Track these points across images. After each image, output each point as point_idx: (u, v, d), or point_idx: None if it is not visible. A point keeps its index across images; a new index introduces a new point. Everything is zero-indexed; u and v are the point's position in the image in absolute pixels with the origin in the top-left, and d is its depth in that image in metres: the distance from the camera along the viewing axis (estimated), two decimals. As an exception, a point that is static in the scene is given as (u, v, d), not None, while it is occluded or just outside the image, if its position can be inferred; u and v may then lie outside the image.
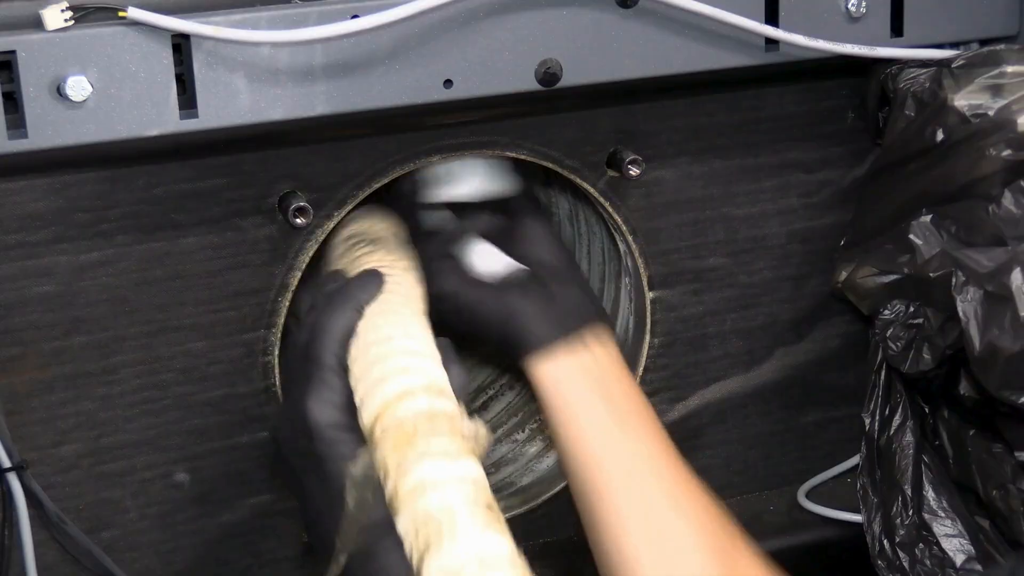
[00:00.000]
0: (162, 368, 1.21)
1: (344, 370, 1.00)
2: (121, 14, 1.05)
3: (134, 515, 1.23)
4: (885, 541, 1.36)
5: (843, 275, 1.36)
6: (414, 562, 0.86)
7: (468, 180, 1.28)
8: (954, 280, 1.22)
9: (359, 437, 0.95)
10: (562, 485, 1.41)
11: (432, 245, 1.23)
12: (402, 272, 1.13)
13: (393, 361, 0.97)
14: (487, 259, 1.21)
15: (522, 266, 1.19)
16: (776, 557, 1.12)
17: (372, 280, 1.08)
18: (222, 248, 1.21)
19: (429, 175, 1.28)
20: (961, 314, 1.20)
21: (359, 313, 1.04)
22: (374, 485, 0.92)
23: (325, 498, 0.96)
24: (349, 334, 1.02)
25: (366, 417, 0.94)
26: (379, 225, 1.27)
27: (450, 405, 0.95)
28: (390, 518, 0.90)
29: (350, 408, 0.97)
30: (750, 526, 1.45)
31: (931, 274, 1.25)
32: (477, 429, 0.94)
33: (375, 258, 1.16)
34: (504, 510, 1.39)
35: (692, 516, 1.08)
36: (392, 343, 0.99)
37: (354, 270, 1.13)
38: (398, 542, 0.89)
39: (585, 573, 1.38)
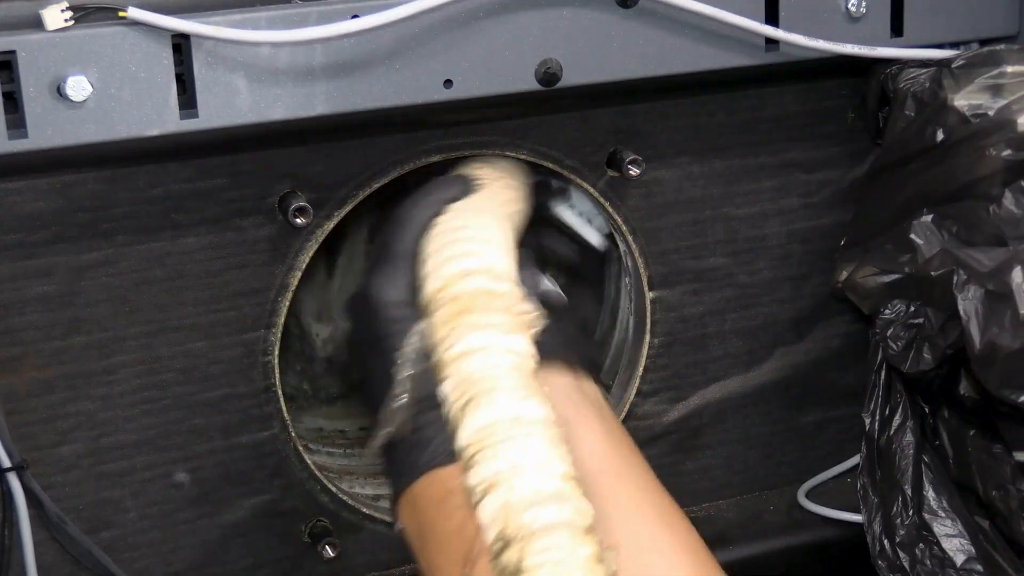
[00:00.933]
0: (162, 368, 1.21)
1: (416, 258, 1.02)
2: (121, 14, 1.05)
3: (134, 515, 1.23)
4: (885, 541, 1.36)
5: (843, 275, 1.36)
6: (452, 421, 0.89)
7: (596, 228, 1.33)
8: (955, 279, 1.22)
9: (419, 317, 0.98)
10: (562, 485, 1.41)
11: None
12: (498, 183, 1.14)
13: (461, 246, 1.00)
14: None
15: (562, 293, 1.17)
16: (776, 557, 1.12)
17: (458, 181, 1.12)
18: (222, 248, 1.21)
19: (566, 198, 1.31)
20: (962, 312, 1.20)
21: (440, 208, 1.06)
22: (425, 361, 0.94)
23: (381, 374, 0.98)
24: (427, 225, 1.04)
25: (427, 293, 0.97)
26: (500, 160, 1.25)
27: (507, 287, 0.96)
28: (437, 395, 0.92)
29: (415, 290, 1.00)
30: (750, 526, 1.46)
31: (932, 273, 1.25)
32: (533, 312, 0.96)
33: (483, 171, 1.17)
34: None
35: (682, 539, 1.05)
36: (464, 231, 1.02)
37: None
38: (442, 419, 0.92)
39: (585, 573, 1.38)
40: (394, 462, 0.99)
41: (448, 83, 1.17)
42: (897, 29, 1.31)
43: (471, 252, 0.99)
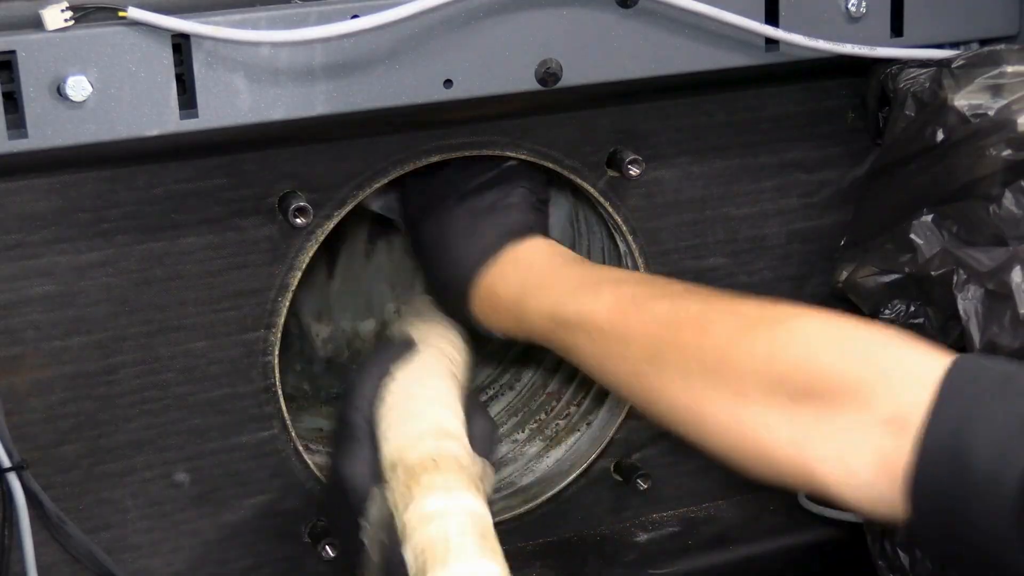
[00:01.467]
0: (162, 368, 1.21)
1: (372, 428, 1.07)
2: (121, 14, 1.05)
3: (134, 515, 1.23)
4: (885, 541, 1.36)
5: (844, 275, 1.36)
6: None
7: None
8: (955, 279, 1.22)
9: (381, 485, 1.04)
10: (562, 485, 1.41)
11: None
12: (441, 342, 1.19)
13: (410, 411, 1.07)
14: None
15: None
16: (776, 557, 1.12)
17: (401, 346, 1.15)
18: (222, 248, 1.21)
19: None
20: (962, 312, 1.20)
21: (389, 376, 1.11)
22: (389, 526, 1.00)
23: (353, 542, 1.04)
24: (377, 395, 1.10)
25: (384, 460, 1.03)
26: (431, 310, 1.31)
27: (455, 446, 1.03)
28: (402, 561, 0.97)
29: (375, 460, 1.05)
30: (750, 526, 1.46)
31: (932, 273, 1.25)
32: (484, 468, 1.03)
33: (420, 332, 1.20)
34: (504, 510, 1.41)
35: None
36: (413, 397, 1.09)
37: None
38: None
39: (585, 573, 1.39)
40: None
41: (448, 83, 1.17)
42: (897, 29, 1.31)
43: (420, 415, 1.05)
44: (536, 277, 1.21)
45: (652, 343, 1.08)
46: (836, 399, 0.97)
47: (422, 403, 1.08)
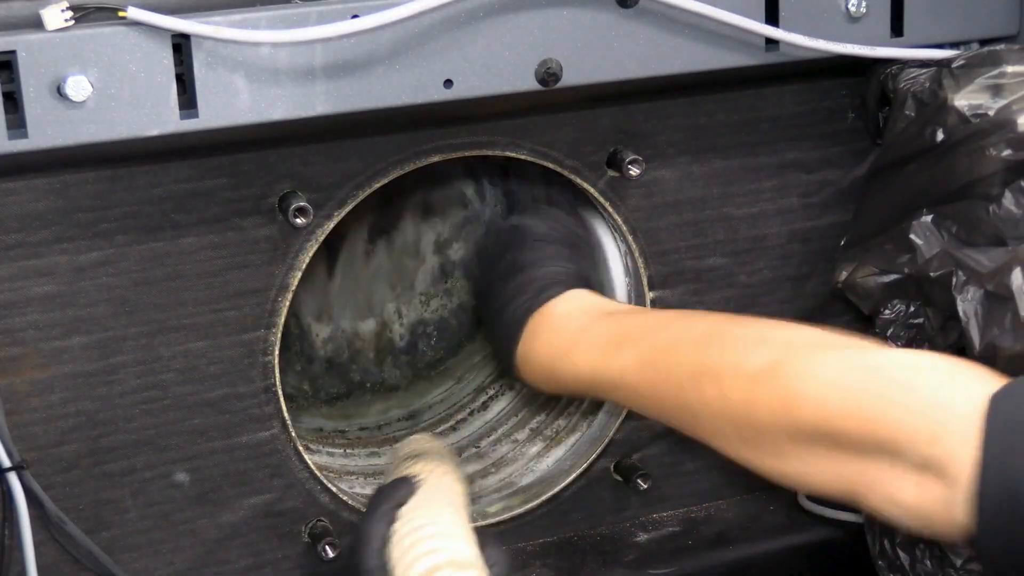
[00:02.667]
0: (162, 368, 1.21)
1: (385, 569, 1.09)
2: (121, 14, 1.05)
3: (134, 515, 1.23)
4: (885, 541, 1.36)
5: (843, 275, 1.36)
6: None
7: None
8: (955, 280, 1.22)
9: None
10: (562, 485, 1.41)
11: None
12: (440, 474, 1.20)
13: (423, 545, 1.07)
14: None
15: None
16: (776, 557, 1.12)
17: (403, 483, 1.16)
18: (222, 248, 1.21)
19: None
20: (962, 314, 1.20)
21: (393, 516, 1.12)
22: None
23: None
24: (385, 538, 1.10)
25: None
26: (427, 442, 1.31)
27: (474, 573, 1.04)
28: None
29: None
30: (750, 526, 1.46)
31: (932, 274, 1.25)
32: None
33: (418, 467, 1.20)
34: (504, 510, 1.41)
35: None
36: (422, 530, 1.09)
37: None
38: None
39: (585, 573, 1.39)
40: None
41: (448, 83, 1.17)
42: (897, 29, 1.31)
43: (434, 549, 1.06)
44: (565, 342, 1.23)
45: (680, 400, 1.09)
46: (874, 446, 0.94)
47: (436, 538, 1.08)
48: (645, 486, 1.41)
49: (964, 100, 1.23)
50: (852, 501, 0.99)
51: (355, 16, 1.10)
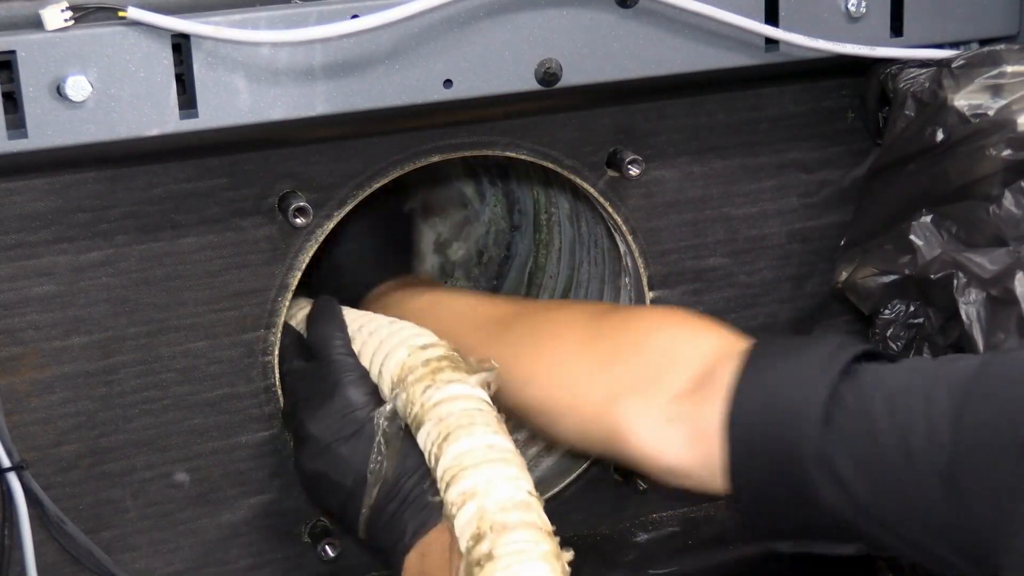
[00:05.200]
0: (162, 368, 1.21)
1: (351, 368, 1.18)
2: (121, 14, 1.05)
3: (134, 515, 1.23)
4: (885, 541, 1.36)
5: (843, 275, 1.36)
6: (432, 453, 1.04)
7: None
8: (956, 282, 1.22)
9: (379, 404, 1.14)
10: (562, 485, 1.41)
11: None
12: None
13: (405, 332, 1.16)
14: None
15: None
16: (776, 557, 1.12)
17: (330, 300, 1.28)
18: (222, 248, 1.21)
19: None
20: (964, 317, 1.20)
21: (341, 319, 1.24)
22: (400, 429, 1.10)
23: (356, 466, 1.12)
24: (342, 333, 1.21)
25: (393, 371, 1.12)
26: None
27: (457, 354, 1.12)
28: (415, 463, 1.09)
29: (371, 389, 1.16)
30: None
31: (932, 276, 1.25)
32: (492, 368, 1.12)
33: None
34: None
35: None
36: (393, 324, 1.18)
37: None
38: (423, 482, 1.09)
39: (585, 573, 1.39)
40: (387, 531, 1.11)
41: (448, 83, 1.17)
42: (897, 29, 1.31)
43: (417, 334, 1.15)
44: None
45: (501, 324, 1.22)
46: (652, 363, 1.07)
47: (411, 328, 1.16)
48: (645, 486, 1.41)
49: (964, 100, 1.23)
50: (603, 423, 1.09)
51: (355, 16, 1.10)
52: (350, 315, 1.23)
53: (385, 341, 1.15)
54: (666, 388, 1.06)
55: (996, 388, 0.92)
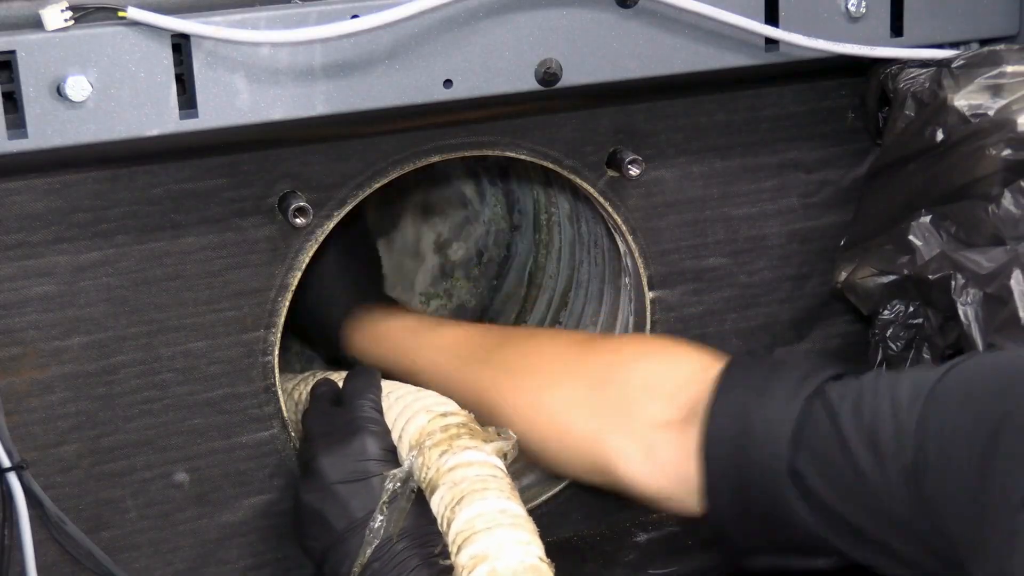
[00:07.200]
0: (162, 368, 1.21)
1: (370, 429, 1.18)
2: (121, 14, 1.05)
3: (134, 515, 1.23)
4: (885, 541, 1.36)
5: (843, 275, 1.36)
6: (444, 517, 1.06)
7: None
8: (954, 283, 1.22)
9: (394, 465, 1.15)
10: (562, 485, 1.41)
11: None
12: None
13: (427, 401, 1.18)
14: None
15: None
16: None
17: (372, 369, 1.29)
18: (222, 248, 1.21)
19: None
20: (962, 316, 1.20)
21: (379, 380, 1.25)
22: (412, 492, 1.11)
23: (352, 513, 1.12)
24: (377, 394, 1.22)
25: (412, 435, 1.14)
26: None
27: (478, 426, 1.15)
28: (412, 526, 1.10)
29: (385, 449, 1.16)
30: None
31: (930, 276, 1.25)
32: (509, 440, 1.15)
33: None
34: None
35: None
36: (418, 393, 1.21)
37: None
38: (420, 549, 1.09)
39: (585, 573, 1.39)
40: None
41: (448, 83, 1.17)
42: (897, 29, 1.31)
43: (440, 403, 1.17)
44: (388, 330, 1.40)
45: (487, 356, 1.24)
46: (633, 392, 1.10)
47: (434, 398, 1.18)
48: (645, 486, 1.41)
49: (964, 100, 1.23)
50: (589, 452, 1.13)
51: (355, 16, 1.10)
52: (384, 384, 1.25)
53: (408, 406, 1.17)
54: (648, 417, 1.10)
55: (962, 385, 0.93)
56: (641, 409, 1.10)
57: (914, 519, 0.93)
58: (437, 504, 1.08)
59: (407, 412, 1.16)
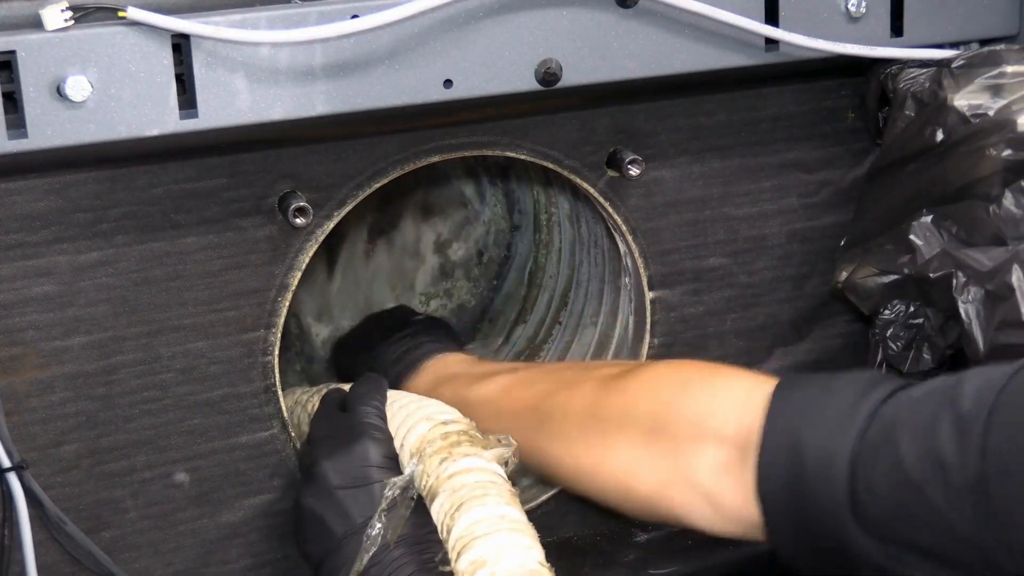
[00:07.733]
0: (162, 368, 1.21)
1: (374, 434, 1.18)
2: (121, 14, 1.05)
3: (134, 515, 1.23)
4: (885, 541, 1.36)
5: (843, 275, 1.36)
6: (444, 524, 1.06)
7: None
8: (955, 281, 1.22)
9: (395, 471, 1.15)
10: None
11: None
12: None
13: (429, 409, 1.18)
14: None
15: None
16: (776, 557, 1.12)
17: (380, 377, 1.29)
18: (222, 248, 1.21)
19: None
20: (963, 315, 1.20)
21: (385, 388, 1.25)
22: (411, 500, 1.11)
23: (352, 518, 1.12)
24: (382, 400, 1.22)
25: (413, 443, 1.14)
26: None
27: (479, 434, 1.14)
28: (410, 534, 1.10)
29: (388, 455, 1.16)
30: (750, 526, 1.45)
31: (931, 275, 1.25)
32: (511, 447, 1.14)
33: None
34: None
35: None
36: (422, 401, 1.20)
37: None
38: (418, 555, 1.09)
39: (585, 573, 1.39)
40: None
41: (448, 83, 1.17)
42: (897, 29, 1.31)
43: (442, 411, 1.17)
44: (446, 374, 1.38)
45: (536, 413, 1.23)
46: (684, 432, 1.09)
47: (436, 407, 1.18)
48: (645, 486, 1.41)
49: (964, 100, 1.23)
50: (658, 507, 1.13)
51: (355, 16, 1.10)
52: (389, 392, 1.25)
53: (411, 415, 1.17)
54: (704, 465, 1.09)
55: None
56: (695, 458, 1.09)
57: (977, 533, 0.91)
58: (437, 511, 1.08)
59: (409, 420, 1.16)
